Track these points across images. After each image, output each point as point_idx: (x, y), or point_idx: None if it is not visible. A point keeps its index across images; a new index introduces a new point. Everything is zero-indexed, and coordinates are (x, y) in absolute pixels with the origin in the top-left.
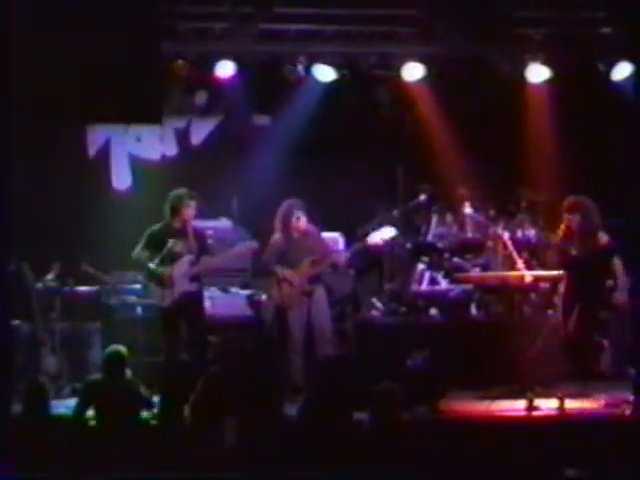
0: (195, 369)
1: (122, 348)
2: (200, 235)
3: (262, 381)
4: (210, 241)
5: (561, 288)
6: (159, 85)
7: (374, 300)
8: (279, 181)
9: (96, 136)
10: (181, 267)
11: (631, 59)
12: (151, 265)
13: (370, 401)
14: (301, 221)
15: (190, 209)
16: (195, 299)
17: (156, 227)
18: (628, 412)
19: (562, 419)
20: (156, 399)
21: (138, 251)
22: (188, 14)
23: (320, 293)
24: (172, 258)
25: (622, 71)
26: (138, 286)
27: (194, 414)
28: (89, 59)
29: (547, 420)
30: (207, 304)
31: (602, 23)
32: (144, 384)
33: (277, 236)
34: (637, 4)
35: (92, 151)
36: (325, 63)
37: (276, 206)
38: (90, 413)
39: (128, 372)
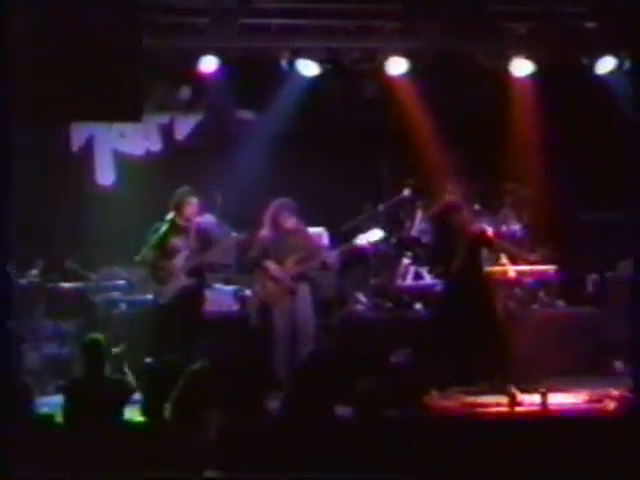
0: (181, 367)
1: (99, 336)
2: (203, 232)
3: (246, 376)
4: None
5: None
6: (139, 82)
7: (359, 295)
8: (263, 176)
9: (79, 132)
10: (178, 262)
11: (614, 53)
12: (148, 259)
13: (354, 398)
14: (290, 221)
15: (191, 206)
16: (193, 294)
17: (160, 225)
18: (611, 407)
19: (545, 414)
20: (137, 397)
21: (144, 252)
22: (169, 9)
23: (304, 291)
24: (171, 254)
25: (606, 65)
26: (123, 282)
27: (176, 411)
28: (68, 57)
29: (530, 415)
30: None
31: (586, 17)
32: None
33: (265, 232)
34: None
35: (75, 147)
36: (308, 58)
37: (260, 202)
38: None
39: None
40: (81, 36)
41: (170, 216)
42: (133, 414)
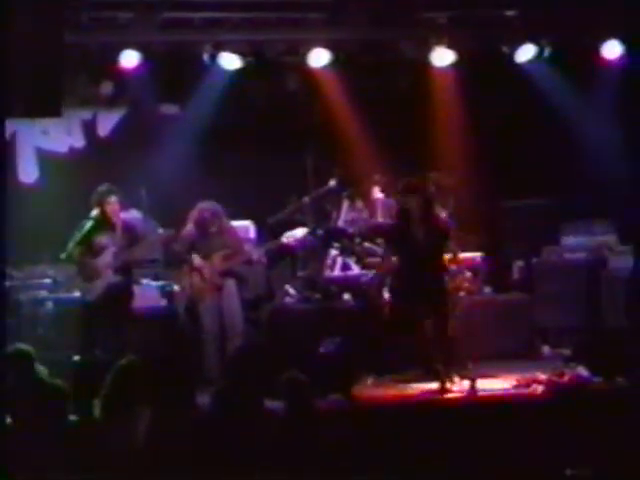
0: (110, 364)
1: (25, 347)
2: (130, 228)
3: (176, 372)
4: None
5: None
6: (59, 77)
7: (288, 287)
8: (188, 170)
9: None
10: (104, 259)
11: (534, 41)
12: (74, 256)
13: (281, 390)
14: (215, 225)
15: (111, 205)
16: (120, 291)
17: (85, 222)
18: (539, 391)
19: (474, 400)
20: None
21: (70, 249)
22: (91, 4)
23: (231, 287)
24: (97, 251)
25: (526, 53)
26: (49, 280)
27: (105, 407)
28: None
29: (459, 401)
30: None
31: (505, 5)
32: None
33: (190, 227)
34: None
35: None
36: (231, 51)
37: (186, 195)
38: None
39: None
40: (0, 32)
41: (94, 213)
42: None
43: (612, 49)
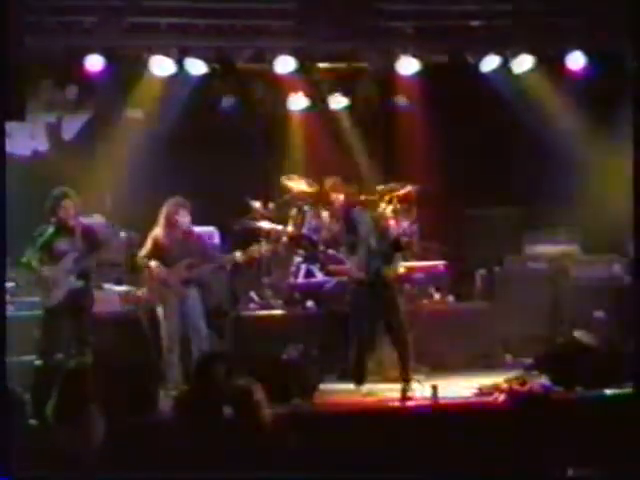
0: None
1: None
2: (89, 232)
3: (138, 377)
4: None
5: None
6: (24, 81)
7: (252, 294)
8: (153, 176)
9: None
10: (64, 265)
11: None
12: (33, 264)
13: (231, 397)
14: (186, 220)
15: (65, 210)
16: (82, 296)
17: (43, 227)
18: (500, 399)
19: (436, 407)
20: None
21: (28, 255)
22: (55, 8)
23: (194, 294)
24: (57, 256)
25: (491, 63)
26: (10, 284)
27: (56, 410)
28: None
29: (421, 409)
30: None
31: (471, 16)
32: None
33: (158, 231)
34: None
35: None
36: (197, 57)
37: (150, 201)
38: None
39: None
40: None
41: (54, 218)
42: None
43: (576, 60)
